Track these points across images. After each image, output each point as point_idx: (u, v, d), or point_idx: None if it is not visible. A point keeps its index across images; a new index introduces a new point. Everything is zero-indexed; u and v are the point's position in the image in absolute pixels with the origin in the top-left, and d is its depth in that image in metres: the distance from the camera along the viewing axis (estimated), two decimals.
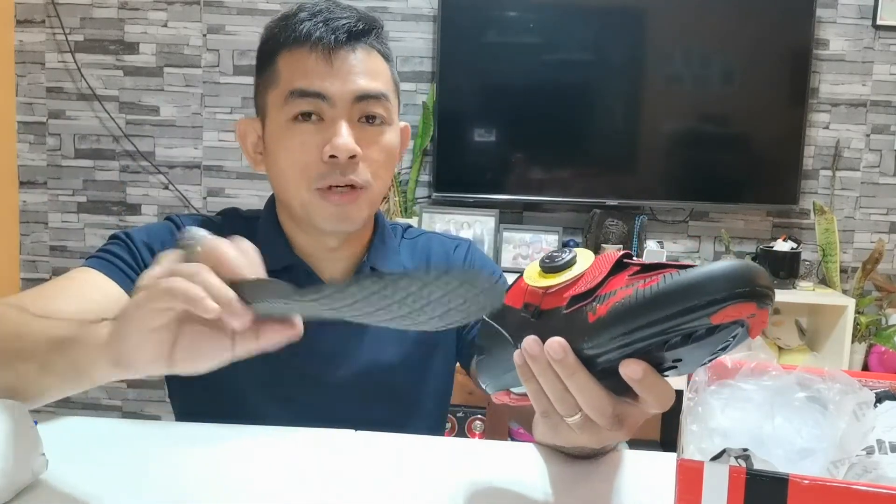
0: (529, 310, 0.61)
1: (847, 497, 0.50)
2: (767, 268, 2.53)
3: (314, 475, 0.75)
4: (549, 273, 0.60)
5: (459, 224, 2.59)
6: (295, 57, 0.87)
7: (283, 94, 0.87)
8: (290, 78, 0.87)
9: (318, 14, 0.87)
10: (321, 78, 0.85)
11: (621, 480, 0.78)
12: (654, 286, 0.53)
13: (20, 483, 0.66)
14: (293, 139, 0.86)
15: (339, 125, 0.85)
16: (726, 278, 0.50)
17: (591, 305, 0.56)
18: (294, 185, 0.87)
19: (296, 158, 0.86)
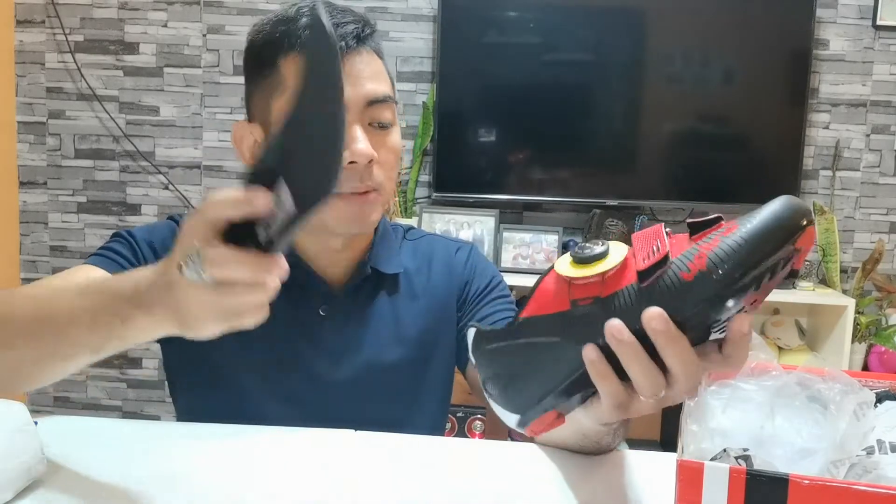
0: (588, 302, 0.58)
1: (847, 497, 0.50)
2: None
3: (314, 475, 0.75)
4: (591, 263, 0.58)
5: (459, 224, 2.59)
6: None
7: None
8: None
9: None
10: None
11: (621, 480, 0.78)
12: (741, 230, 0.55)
13: (19, 483, 0.66)
14: None
15: (354, 131, 0.85)
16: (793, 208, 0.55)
17: (673, 269, 0.55)
18: None
19: None
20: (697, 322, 0.56)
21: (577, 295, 0.58)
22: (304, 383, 0.93)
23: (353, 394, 0.94)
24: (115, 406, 2.83)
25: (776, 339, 2.58)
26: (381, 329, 0.96)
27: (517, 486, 0.75)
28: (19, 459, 0.65)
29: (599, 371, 0.56)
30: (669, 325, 0.54)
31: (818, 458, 0.57)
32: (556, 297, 0.59)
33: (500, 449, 0.85)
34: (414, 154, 2.64)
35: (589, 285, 0.58)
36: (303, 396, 0.93)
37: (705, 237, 0.56)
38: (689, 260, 0.55)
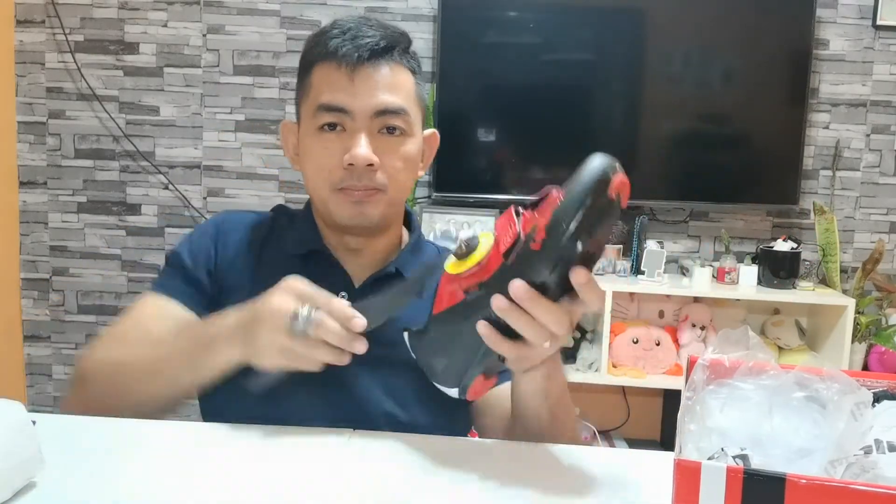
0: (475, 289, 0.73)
1: (845, 496, 0.50)
2: (768, 268, 2.53)
3: (314, 475, 0.75)
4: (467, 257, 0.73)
5: (459, 224, 2.59)
6: (324, 72, 0.95)
7: (312, 105, 0.96)
8: (318, 91, 0.95)
9: (347, 32, 0.94)
10: (344, 93, 0.93)
11: (620, 480, 0.78)
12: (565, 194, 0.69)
13: (17, 482, 0.66)
14: (318, 146, 0.96)
15: (358, 137, 0.93)
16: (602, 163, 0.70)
17: (526, 244, 0.70)
18: (319, 185, 0.97)
19: (320, 163, 0.96)
20: (555, 280, 0.70)
21: (466, 285, 0.74)
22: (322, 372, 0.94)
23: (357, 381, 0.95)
24: None
25: (776, 339, 2.58)
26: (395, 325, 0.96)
27: (516, 486, 0.75)
28: (17, 459, 0.65)
29: (493, 339, 0.73)
30: (528, 291, 0.70)
31: (816, 457, 0.57)
32: (452, 292, 0.75)
33: (499, 448, 0.85)
34: None
35: (472, 275, 0.73)
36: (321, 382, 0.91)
37: (544, 208, 0.71)
38: (535, 233, 0.70)
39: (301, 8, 2.67)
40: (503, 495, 0.73)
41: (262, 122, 2.71)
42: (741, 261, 2.62)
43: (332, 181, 0.95)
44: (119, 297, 2.79)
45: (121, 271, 2.78)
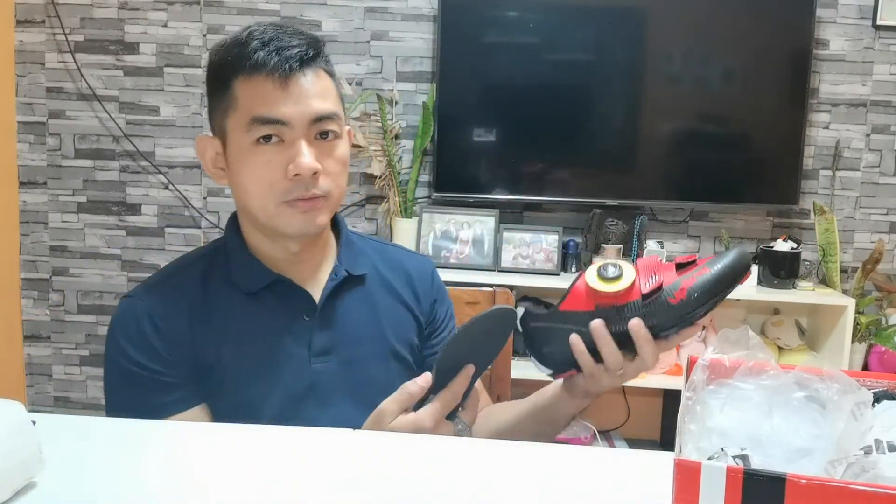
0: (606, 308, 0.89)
1: (845, 496, 0.50)
2: (767, 268, 2.53)
3: (314, 475, 0.75)
4: (612, 281, 0.88)
5: (459, 224, 2.59)
6: (252, 84, 0.93)
7: (244, 119, 0.94)
8: (249, 105, 0.93)
9: (270, 42, 0.93)
10: (279, 104, 0.93)
11: (620, 480, 0.78)
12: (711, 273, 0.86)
13: (17, 482, 0.66)
14: (257, 159, 0.94)
15: (299, 146, 0.93)
16: (743, 257, 0.88)
17: (664, 294, 0.87)
18: (261, 200, 0.96)
19: (261, 176, 0.94)
20: (668, 329, 0.89)
21: (600, 301, 0.90)
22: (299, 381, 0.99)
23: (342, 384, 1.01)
24: None
25: (776, 339, 2.58)
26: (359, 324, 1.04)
27: (516, 486, 0.75)
28: (16, 459, 0.65)
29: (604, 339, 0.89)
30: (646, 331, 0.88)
31: (816, 457, 0.57)
32: (586, 300, 0.91)
33: (499, 448, 0.85)
34: (414, 154, 2.64)
35: (608, 296, 0.89)
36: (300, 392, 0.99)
37: (686, 273, 0.88)
38: (676, 289, 0.87)
39: (301, 8, 2.67)
40: (503, 495, 0.73)
41: None
42: None
43: (278, 193, 0.94)
44: (119, 297, 2.78)
45: (121, 271, 2.78)
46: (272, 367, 0.98)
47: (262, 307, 0.99)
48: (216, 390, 0.97)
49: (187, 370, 0.96)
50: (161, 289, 1.01)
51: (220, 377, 0.97)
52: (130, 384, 0.96)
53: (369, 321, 1.05)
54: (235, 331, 0.98)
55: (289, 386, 0.98)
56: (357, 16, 2.67)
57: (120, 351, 0.97)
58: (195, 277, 1.01)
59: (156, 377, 0.96)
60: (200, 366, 0.97)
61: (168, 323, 0.97)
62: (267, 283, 1.00)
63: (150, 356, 0.96)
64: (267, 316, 0.99)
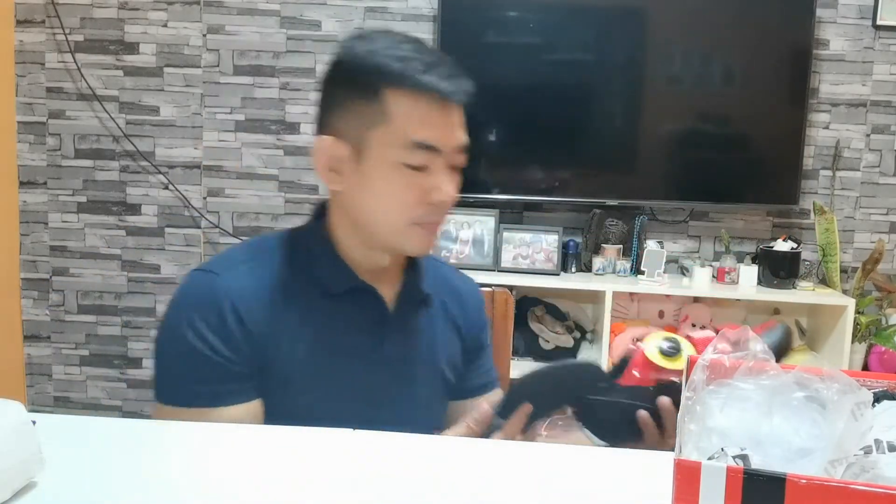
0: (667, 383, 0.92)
1: (845, 496, 0.50)
2: (768, 268, 2.53)
3: (314, 475, 0.75)
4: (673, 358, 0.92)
5: (459, 224, 2.59)
6: (415, 104, 0.91)
7: (398, 138, 0.91)
8: (407, 125, 0.91)
9: (437, 66, 0.92)
10: (439, 131, 0.93)
11: (620, 480, 0.78)
12: None
13: (17, 482, 0.66)
14: (401, 180, 0.92)
15: (444, 175, 0.95)
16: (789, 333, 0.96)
17: None
18: (392, 217, 0.94)
19: (400, 197, 0.93)
20: None
21: (661, 378, 0.92)
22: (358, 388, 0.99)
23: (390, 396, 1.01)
24: (115, 406, 2.83)
25: None
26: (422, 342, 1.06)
27: (516, 486, 0.75)
28: (16, 459, 0.65)
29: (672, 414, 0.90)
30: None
31: (816, 457, 0.57)
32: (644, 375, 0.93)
33: (499, 449, 0.85)
34: None
35: (669, 371, 0.92)
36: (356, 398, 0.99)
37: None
38: None
39: (301, 8, 2.67)
40: (503, 495, 0.73)
41: (262, 122, 2.71)
42: (741, 261, 2.62)
43: (413, 215, 0.94)
44: (119, 297, 2.79)
45: (121, 271, 2.78)
46: (339, 371, 0.97)
47: (339, 310, 0.98)
48: (277, 386, 0.94)
49: (255, 362, 0.93)
50: (242, 271, 0.96)
51: (287, 374, 0.94)
52: (194, 365, 0.92)
53: (427, 340, 1.05)
54: (311, 330, 0.96)
55: (349, 391, 0.97)
56: (357, 16, 2.67)
57: (192, 327, 0.91)
58: (276, 266, 0.97)
59: (223, 364, 0.91)
60: (267, 358, 0.93)
61: (249, 310, 0.93)
62: (349, 288, 0.98)
63: (225, 341, 0.92)
64: (343, 319, 0.98)
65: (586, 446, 0.88)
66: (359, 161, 0.93)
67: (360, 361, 0.99)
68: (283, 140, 2.71)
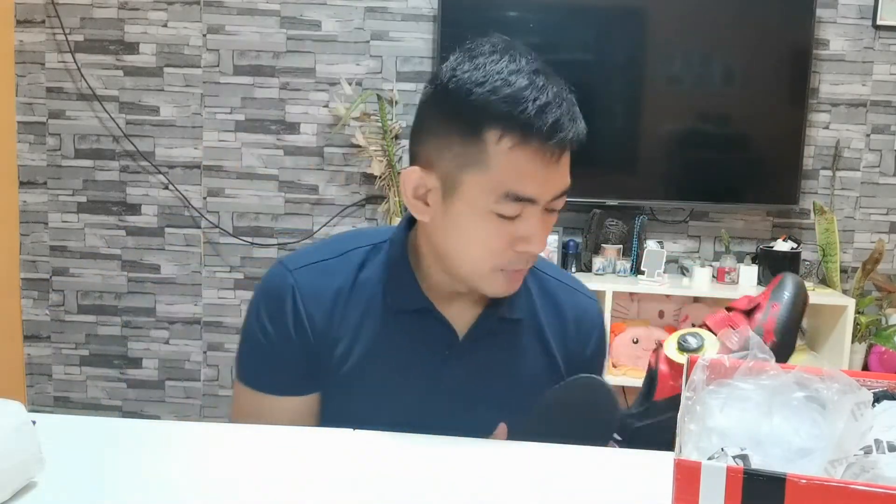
0: None
1: (845, 496, 0.50)
2: (767, 268, 2.53)
3: (314, 475, 0.75)
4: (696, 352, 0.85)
5: None
6: (518, 153, 0.84)
7: (494, 187, 0.84)
8: (506, 175, 0.84)
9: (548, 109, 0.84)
10: (540, 183, 0.86)
11: (620, 480, 0.78)
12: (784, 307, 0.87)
13: (17, 482, 0.66)
14: (490, 226, 0.86)
15: (538, 225, 0.87)
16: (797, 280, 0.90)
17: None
18: (476, 262, 0.89)
19: (488, 244, 0.87)
20: None
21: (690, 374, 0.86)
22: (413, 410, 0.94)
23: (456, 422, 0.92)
24: (115, 406, 2.83)
25: None
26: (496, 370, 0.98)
27: (516, 486, 0.75)
28: (16, 459, 0.65)
29: None
30: None
31: (816, 457, 0.57)
32: (675, 380, 0.87)
33: (499, 449, 0.85)
34: None
35: None
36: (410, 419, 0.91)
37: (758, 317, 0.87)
38: (761, 334, 0.85)
39: (301, 8, 2.67)
40: (503, 495, 0.73)
41: (262, 122, 2.71)
42: (741, 261, 2.62)
43: (498, 262, 0.88)
44: (119, 297, 2.79)
45: (121, 271, 2.78)
46: (395, 388, 0.94)
47: (404, 327, 0.94)
48: (331, 387, 0.95)
49: (312, 358, 0.94)
50: (315, 269, 0.96)
51: (342, 379, 0.94)
52: (257, 350, 0.95)
53: (509, 369, 0.98)
54: (370, 336, 0.94)
55: (402, 411, 0.93)
56: (357, 16, 2.67)
57: (257, 315, 0.95)
58: (350, 268, 0.96)
59: (279, 354, 0.94)
60: (326, 360, 0.94)
61: (310, 308, 0.93)
62: (418, 308, 0.95)
63: (281, 332, 0.93)
64: (405, 336, 0.95)
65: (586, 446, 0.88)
66: (449, 198, 0.88)
67: (415, 383, 0.95)
68: (283, 140, 2.71)
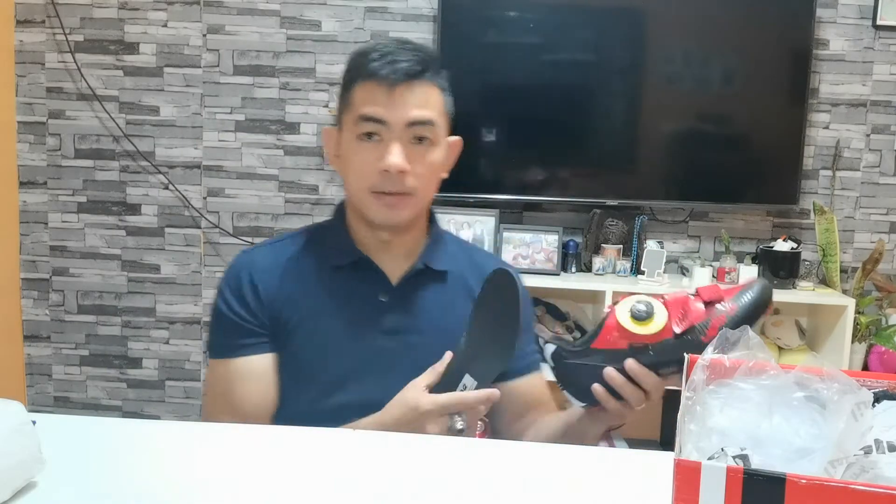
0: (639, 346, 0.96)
1: (845, 497, 0.50)
2: (768, 268, 2.53)
3: (314, 475, 0.75)
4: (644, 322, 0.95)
5: (459, 224, 2.59)
6: (365, 89, 1.09)
7: (354, 116, 1.09)
8: (359, 105, 1.09)
9: (387, 55, 1.08)
10: (382, 107, 1.07)
11: (621, 480, 0.78)
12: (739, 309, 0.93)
13: (17, 482, 0.66)
14: (359, 153, 1.09)
15: (392, 146, 1.07)
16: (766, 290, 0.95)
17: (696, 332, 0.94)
18: (355, 187, 1.11)
19: (358, 167, 1.09)
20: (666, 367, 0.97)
21: (634, 340, 0.96)
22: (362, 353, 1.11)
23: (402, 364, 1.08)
24: (115, 406, 2.82)
25: (776, 339, 2.58)
26: (430, 315, 1.15)
27: (516, 486, 0.75)
28: (16, 459, 0.65)
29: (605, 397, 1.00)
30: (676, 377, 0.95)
31: (816, 457, 0.57)
32: (619, 339, 0.96)
33: (499, 449, 0.85)
34: None
35: (642, 336, 0.95)
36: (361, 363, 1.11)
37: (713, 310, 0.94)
38: (707, 327, 0.93)
39: (301, 8, 2.67)
40: (503, 495, 0.73)
41: (262, 122, 2.71)
42: (741, 261, 2.62)
43: (368, 184, 1.08)
44: (119, 297, 2.79)
45: (121, 271, 2.78)
46: (341, 335, 1.11)
47: (343, 281, 1.12)
48: (288, 345, 1.11)
49: (268, 322, 1.11)
50: (265, 251, 1.18)
51: (294, 334, 1.10)
52: (220, 324, 1.13)
53: (440, 314, 1.14)
54: (317, 297, 1.12)
55: (352, 355, 1.10)
56: (357, 16, 2.67)
57: (220, 295, 1.14)
58: (295, 246, 1.17)
59: (239, 321, 1.11)
60: (280, 321, 1.11)
61: (262, 279, 1.12)
62: (352, 261, 1.13)
63: (241, 304, 1.11)
64: (346, 289, 1.12)
65: (586, 446, 0.88)
66: (341, 143, 1.13)
67: (361, 328, 1.11)
68: (283, 140, 2.71)
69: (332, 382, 1.08)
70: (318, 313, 1.11)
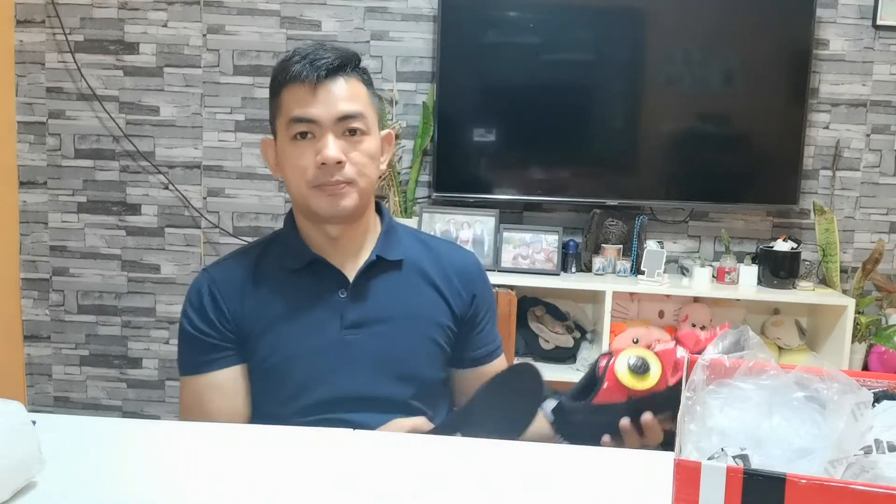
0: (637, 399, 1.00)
1: (845, 496, 0.50)
2: (768, 268, 2.53)
3: (314, 475, 0.75)
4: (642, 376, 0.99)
5: (459, 224, 2.59)
6: (291, 92, 1.12)
7: (285, 120, 1.13)
8: (289, 108, 1.12)
9: (306, 57, 1.12)
10: (310, 106, 1.11)
11: (621, 480, 0.78)
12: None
13: (17, 482, 0.66)
14: (294, 152, 1.12)
15: (326, 140, 1.10)
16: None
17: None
18: (297, 185, 1.13)
19: (297, 165, 1.12)
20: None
21: (633, 395, 1.00)
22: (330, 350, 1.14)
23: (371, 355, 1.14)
24: (115, 406, 2.82)
25: (776, 339, 2.58)
26: (390, 303, 1.17)
27: (516, 486, 0.75)
28: (16, 458, 0.65)
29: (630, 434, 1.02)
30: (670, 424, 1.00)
31: (816, 457, 0.57)
32: (618, 393, 1.01)
33: (499, 449, 0.85)
34: (414, 154, 2.64)
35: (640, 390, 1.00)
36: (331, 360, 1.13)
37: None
38: None
39: (301, 8, 2.67)
40: (503, 495, 0.73)
41: (262, 122, 2.71)
42: (741, 261, 2.62)
43: (309, 179, 1.11)
44: (119, 297, 2.79)
45: (121, 271, 2.78)
46: (306, 336, 1.13)
47: (301, 283, 1.15)
48: (255, 354, 1.14)
49: (233, 335, 1.14)
50: (224, 266, 1.21)
51: (260, 342, 1.13)
52: (186, 341, 1.16)
53: (401, 301, 1.18)
54: (278, 303, 1.15)
55: (320, 353, 1.13)
56: (357, 16, 2.66)
57: (184, 314, 1.17)
58: (251, 259, 1.19)
59: (205, 338, 1.13)
60: (244, 332, 1.14)
61: (223, 294, 1.15)
62: (307, 262, 1.16)
63: (204, 320, 1.14)
64: (305, 291, 1.15)
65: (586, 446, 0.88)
66: (278, 150, 1.16)
67: (324, 327, 1.14)
68: None
69: (303, 384, 1.11)
70: (281, 318, 1.14)
